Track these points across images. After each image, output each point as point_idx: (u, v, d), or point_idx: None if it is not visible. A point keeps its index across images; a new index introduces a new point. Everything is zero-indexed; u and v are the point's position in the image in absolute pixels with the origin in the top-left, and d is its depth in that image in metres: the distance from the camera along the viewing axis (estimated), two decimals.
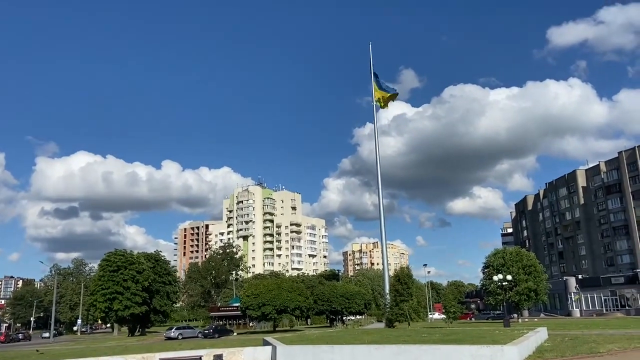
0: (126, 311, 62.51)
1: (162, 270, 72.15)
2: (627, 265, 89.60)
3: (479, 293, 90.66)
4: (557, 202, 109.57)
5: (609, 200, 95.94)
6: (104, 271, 63.92)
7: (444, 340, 20.27)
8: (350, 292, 62.82)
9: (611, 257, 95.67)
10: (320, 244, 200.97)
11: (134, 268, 63.29)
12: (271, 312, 50.49)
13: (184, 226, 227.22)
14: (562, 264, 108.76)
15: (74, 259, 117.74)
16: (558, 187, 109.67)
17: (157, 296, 69.66)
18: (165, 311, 72.55)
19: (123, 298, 61.94)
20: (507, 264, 51.02)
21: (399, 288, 44.93)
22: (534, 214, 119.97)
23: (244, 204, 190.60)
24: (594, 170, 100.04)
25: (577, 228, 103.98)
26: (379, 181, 53.27)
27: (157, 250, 76.87)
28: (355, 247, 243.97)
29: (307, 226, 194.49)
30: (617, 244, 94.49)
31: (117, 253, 65.63)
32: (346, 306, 61.54)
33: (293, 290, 52.82)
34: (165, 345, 34.84)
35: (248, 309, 52.03)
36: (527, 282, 49.67)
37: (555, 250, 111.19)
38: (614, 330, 34.62)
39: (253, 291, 52.86)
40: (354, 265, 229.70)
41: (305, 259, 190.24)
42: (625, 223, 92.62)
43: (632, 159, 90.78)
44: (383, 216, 51.24)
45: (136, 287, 62.71)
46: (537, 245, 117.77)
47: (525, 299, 50.68)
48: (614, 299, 72.64)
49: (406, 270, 48.21)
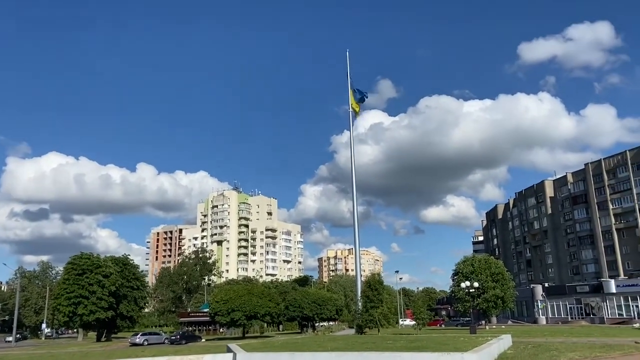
0: (91, 316, 60.92)
1: (130, 274, 70.56)
2: (592, 275, 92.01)
3: (450, 300, 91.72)
4: (526, 211, 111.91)
5: (575, 211, 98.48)
6: (69, 274, 62.20)
7: (408, 347, 20.36)
8: (321, 298, 62.69)
9: (577, 266, 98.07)
10: (295, 250, 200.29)
11: (100, 272, 61.74)
12: (240, 318, 49.92)
13: (157, 230, 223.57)
14: (529, 272, 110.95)
15: (40, 262, 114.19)
16: (527, 197, 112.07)
17: (124, 301, 68.10)
18: (132, 317, 70.99)
19: (88, 302, 60.34)
20: (476, 272, 51.66)
21: (370, 294, 45.16)
22: (504, 222, 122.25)
23: (219, 208, 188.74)
24: (562, 181, 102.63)
25: (545, 237, 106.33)
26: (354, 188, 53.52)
27: (126, 254, 75.34)
28: (330, 253, 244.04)
29: (283, 232, 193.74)
30: (583, 253, 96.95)
31: (83, 256, 63.97)
32: (317, 312, 61.33)
33: (264, 296, 52.40)
34: (128, 352, 34.09)
35: (217, 314, 51.32)
36: (494, 290, 50.36)
37: (524, 258, 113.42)
38: (577, 338, 35.28)
39: (222, 297, 52.19)
40: (328, 271, 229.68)
41: (280, 265, 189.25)
42: (590, 233, 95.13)
43: (597, 170, 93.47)
44: (357, 223, 51.46)
45: (102, 292, 61.15)
46: (507, 253, 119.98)
47: (492, 306, 51.36)
48: (579, 307, 74.38)
49: (377, 276, 48.39)
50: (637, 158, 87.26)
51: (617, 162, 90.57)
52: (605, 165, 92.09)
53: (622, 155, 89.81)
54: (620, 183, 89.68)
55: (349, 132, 55.97)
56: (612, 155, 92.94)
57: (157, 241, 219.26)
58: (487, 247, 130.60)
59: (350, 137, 56.05)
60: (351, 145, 54.96)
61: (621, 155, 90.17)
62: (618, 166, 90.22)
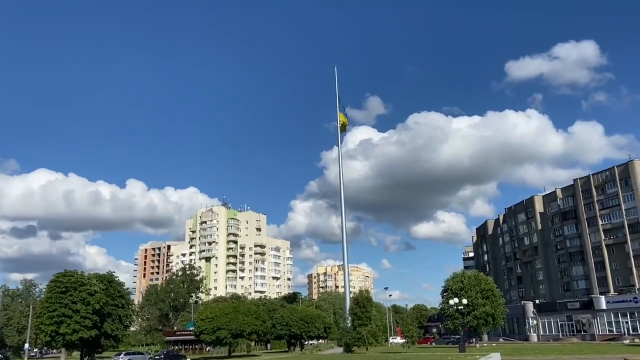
0: (74, 335, 58.86)
1: (116, 292, 68.65)
2: (583, 291, 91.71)
3: (440, 317, 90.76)
4: (516, 227, 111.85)
5: (565, 226, 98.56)
6: (51, 292, 60.17)
7: None
8: (309, 316, 61.61)
9: (567, 282, 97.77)
10: (284, 266, 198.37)
11: (84, 289, 59.88)
12: (226, 337, 48.77)
13: (145, 247, 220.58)
14: (520, 288, 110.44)
15: (23, 280, 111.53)
16: (517, 213, 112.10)
17: (108, 320, 66.12)
18: (117, 336, 69.11)
19: (71, 321, 58.35)
20: (466, 288, 51.15)
21: (358, 312, 44.35)
22: (494, 238, 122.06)
23: (208, 224, 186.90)
24: (551, 196, 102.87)
25: (535, 253, 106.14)
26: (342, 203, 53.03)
27: (110, 271, 73.73)
28: (320, 269, 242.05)
29: (272, 248, 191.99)
30: (573, 269, 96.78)
31: (67, 274, 62.05)
32: (305, 330, 60.22)
33: (250, 314, 51.31)
34: None
35: (202, 333, 50.13)
36: (484, 307, 49.81)
37: (514, 274, 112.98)
38: (568, 356, 34.71)
39: (208, 314, 51.03)
40: (318, 288, 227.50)
41: (269, 281, 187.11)
42: (580, 249, 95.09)
43: (586, 186, 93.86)
44: (346, 239, 50.86)
45: (86, 310, 59.34)
46: (497, 269, 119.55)
47: (483, 324, 50.78)
48: (570, 324, 73.86)
49: (365, 293, 47.58)
50: (625, 174, 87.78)
51: (605, 178, 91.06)
52: (594, 181, 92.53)
53: (611, 171, 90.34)
54: (609, 199, 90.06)
55: (340, 147, 55.84)
56: (600, 171, 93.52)
57: (145, 258, 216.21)
58: (477, 263, 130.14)
59: (339, 152, 55.84)
60: (339, 160, 54.72)
61: (609, 171, 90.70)
62: (607, 182, 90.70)
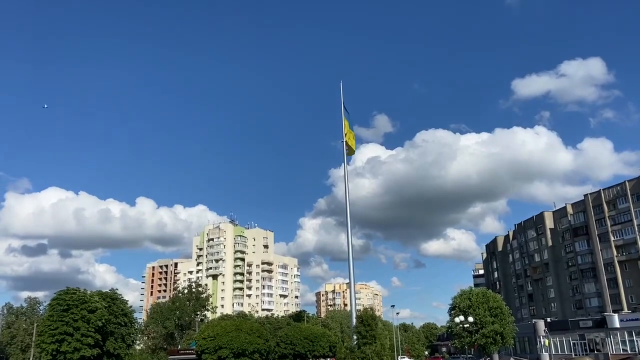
0: (76, 354, 57.94)
1: (119, 310, 67.89)
2: (596, 309, 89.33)
3: (450, 336, 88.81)
4: (526, 243, 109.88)
5: (576, 243, 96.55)
6: (53, 310, 59.58)
7: None
8: (314, 334, 59.98)
9: (580, 300, 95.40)
10: (292, 284, 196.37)
11: (85, 307, 59.42)
12: (228, 356, 47.57)
13: (152, 264, 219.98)
14: (532, 306, 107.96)
15: (27, 298, 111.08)
16: (527, 229, 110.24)
17: (111, 338, 65.27)
18: (120, 354, 68.23)
19: (72, 340, 57.78)
20: (474, 306, 49.81)
21: (362, 330, 43.28)
22: (504, 255, 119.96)
23: (215, 241, 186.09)
24: (561, 212, 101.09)
25: (546, 270, 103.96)
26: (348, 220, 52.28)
27: (114, 288, 73.13)
28: (328, 287, 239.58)
29: (279, 265, 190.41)
30: (585, 286, 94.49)
31: (69, 291, 61.40)
32: (310, 349, 58.56)
33: (252, 332, 50.14)
34: None
35: (204, 352, 48.98)
36: (493, 325, 48.38)
37: (525, 292, 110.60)
38: None
39: (209, 333, 49.94)
40: (327, 306, 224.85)
41: (277, 299, 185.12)
42: (592, 265, 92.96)
43: (597, 201, 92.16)
44: (352, 256, 50.15)
45: (87, 328, 58.78)
46: (508, 286, 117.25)
47: (491, 342, 49.27)
48: (583, 343, 71.79)
49: (370, 311, 46.42)
50: (636, 189, 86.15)
51: (616, 193, 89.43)
52: (605, 196, 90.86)
53: (622, 186, 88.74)
54: (621, 214, 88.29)
55: (345, 164, 55.32)
56: (611, 185, 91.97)
57: (153, 276, 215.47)
58: (487, 280, 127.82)
59: (344, 167, 55.26)
60: (345, 175, 54.07)
61: (620, 186, 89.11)
62: (618, 197, 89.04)
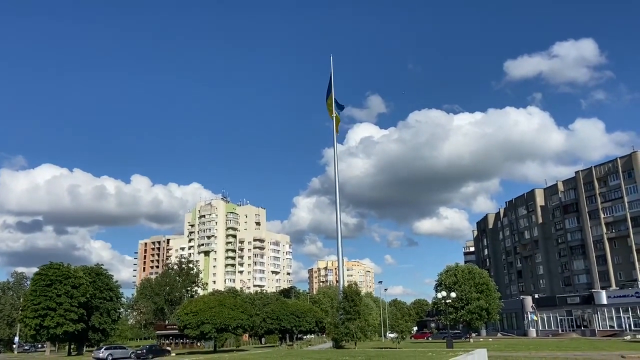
0: (59, 329, 57.57)
1: (104, 285, 67.39)
2: (584, 285, 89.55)
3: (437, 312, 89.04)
4: (517, 221, 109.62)
5: (566, 220, 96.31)
6: (36, 285, 58.86)
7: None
8: (300, 310, 59.94)
9: (568, 276, 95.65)
10: (284, 261, 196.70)
11: (69, 282, 58.60)
12: (210, 331, 47.10)
13: (145, 241, 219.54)
14: (520, 283, 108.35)
15: (13, 272, 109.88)
16: (517, 206, 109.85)
17: (96, 313, 64.85)
18: (105, 329, 67.76)
19: (55, 314, 57.17)
20: (459, 282, 49.32)
21: (346, 306, 42.61)
22: (495, 232, 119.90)
23: (206, 218, 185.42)
24: (552, 189, 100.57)
25: (536, 247, 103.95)
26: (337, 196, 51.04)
27: (99, 263, 72.34)
28: (321, 264, 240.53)
29: (271, 242, 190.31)
30: (574, 263, 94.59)
31: (52, 266, 60.66)
32: (296, 324, 58.59)
33: (236, 308, 49.64)
34: None
35: (186, 327, 48.50)
36: (478, 301, 47.97)
37: (514, 269, 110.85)
38: (562, 352, 33.00)
39: (192, 308, 49.38)
40: (319, 282, 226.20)
41: (268, 276, 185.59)
42: (582, 243, 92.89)
43: (588, 179, 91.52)
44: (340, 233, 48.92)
45: (71, 303, 58.07)
46: (497, 264, 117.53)
47: (477, 318, 48.94)
48: (570, 319, 71.96)
49: (354, 287, 45.69)
50: (628, 166, 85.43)
51: (608, 170, 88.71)
52: (596, 173, 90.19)
53: (613, 163, 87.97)
54: (612, 191, 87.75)
55: (339, 144, 53.79)
56: (603, 162, 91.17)
57: (145, 252, 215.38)
58: (478, 257, 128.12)
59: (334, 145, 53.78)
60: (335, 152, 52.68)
61: (612, 163, 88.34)
62: (609, 174, 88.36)
